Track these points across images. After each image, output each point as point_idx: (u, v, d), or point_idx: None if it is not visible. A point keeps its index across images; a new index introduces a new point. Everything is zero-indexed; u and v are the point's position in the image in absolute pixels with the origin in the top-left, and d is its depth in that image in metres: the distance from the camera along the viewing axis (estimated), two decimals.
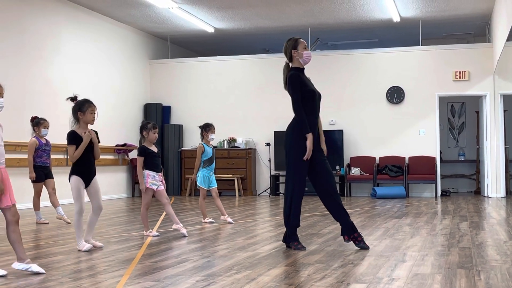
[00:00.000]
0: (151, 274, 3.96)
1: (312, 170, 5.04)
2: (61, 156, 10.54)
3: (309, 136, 4.92)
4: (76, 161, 5.01)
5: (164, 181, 6.15)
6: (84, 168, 5.05)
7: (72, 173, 5.05)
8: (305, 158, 4.90)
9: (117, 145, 12.55)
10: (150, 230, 6.09)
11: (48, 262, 4.41)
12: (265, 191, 13.48)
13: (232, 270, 4.07)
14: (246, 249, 5.03)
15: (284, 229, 5.15)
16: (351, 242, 5.02)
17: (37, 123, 7.41)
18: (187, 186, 13.28)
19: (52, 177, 7.59)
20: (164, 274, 3.93)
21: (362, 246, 4.96)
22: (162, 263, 4.38)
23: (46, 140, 7.48)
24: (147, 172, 6.01)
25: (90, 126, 5.14)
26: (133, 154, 13.21)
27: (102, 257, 4.70)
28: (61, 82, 10.90)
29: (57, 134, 8.71)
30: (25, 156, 9.01)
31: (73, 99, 5.08)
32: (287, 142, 5.06)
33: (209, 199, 7.92)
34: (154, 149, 6.09)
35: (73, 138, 4.98)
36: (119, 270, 4.12)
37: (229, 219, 7.28)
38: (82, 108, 4.99)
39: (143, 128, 6.06)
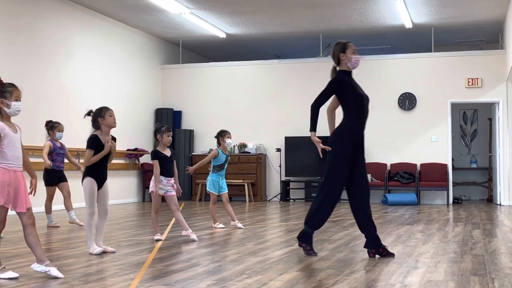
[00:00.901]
0: (162, 278, 3.95)
1: (351, 179, 4.93)
2: (36, 160, 10.57)
3: (312, 134, 4.86)
4: (91, 164, 5.03)
5: (176, 186, 6.12)
6: (98, 172, 5.07)
7: (86, 175, 5.07)
8: (319, 149, 4.86)
9: (128, 150, 12.59)
10: (159, 234, 6.08)
11: (59, 265, 4.40)
12: (275, 196, 13.45)
13: (243, 274, 4.05)
14: (257, 254, 5.01)
15: (296, 234, 5.09)
16: (377, 256, 4.88)
17: (52, 126, 7.45)
18: (198, 191, 13.29)
19: (66, 181, 7.62)
20: (175, 278, 3.92)
21: (387, 255, 4.86)
22: (172, 267, 4.37)
23: (60, 143, 7.51)
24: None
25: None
26: (144, 158, 13.24)
27: (113, 260, 4.70)
28: (74, 86, 10.96)
29: (69, 138, 8.76)
30: (39, 160, 9.06)
31: (89, 114, 5.19)
32: (331, 146, 4.92)
33: (219, 204, 7.91)
34: (167, 153, 6.07)
35: (94, 143, 5.00)
36: (130, 273, 4.12)
37: (239, 225, 7.27)
38: (101, 114, 5.05)
39: (157, 131, 6.06)
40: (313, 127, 4.88)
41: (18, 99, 4.01)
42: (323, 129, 5.42)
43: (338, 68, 5.09)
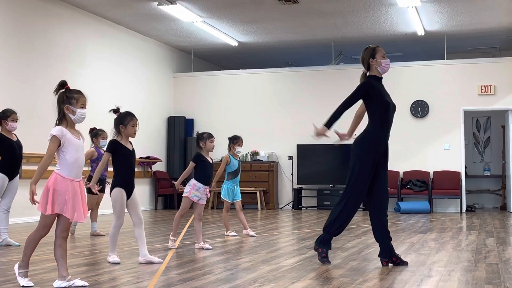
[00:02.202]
0: (175, 286, 3.96)
1: (372, 187, 4.88)
2: (86, 168, 10.61)
3: (324, 128, 4.77)
4: (119, 172, 4.93)
5: (208, 194, 6.08)
6: (127, 180, 4.94)
7: (114, 185, 4.91)
8: (316, 134, 4.79)
9: (140, 158, 12.63)
10: (174, 238, 6.06)
11: (73, 273, 4.42)
12: (287, 204, 13.44)
13: (256, 283, 4.05)
14: (269, 262, 5.01)
15: (308, 242, 5.08)
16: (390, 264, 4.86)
17: (96, 134, 7.30)
18: (210, 199, 13.30)
19: (104, 191, 7.26)
20: (188, 286, 3.93)
21: (401, 263, 4.84)
22: (185, 275, 4.38)
23: (104, 151, 7.33)
24: (194, 181, 5.96)
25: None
26: (156, 166, 13.29)
27: (126, 268, 4.72)
28: (87, 94, 10.92)
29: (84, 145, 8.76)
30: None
31: (116, 111, 5.02)
32: (354, 153, 4.88)
33: (232, 212, 7.91)
34: (210, 159, 6.05)
35: (113, 148, 4.91)
36: (143, 281, 4.13)
37: (252, 233, 7.26)
38: (124, 121, 4.93)
39: (199, 138, 6.04)
40: (329, 124, 4.79)
41: (84, 106, 3.99)
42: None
43: (368, 73, 5.02)
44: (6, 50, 9.29)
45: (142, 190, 12.85)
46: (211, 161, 6.05)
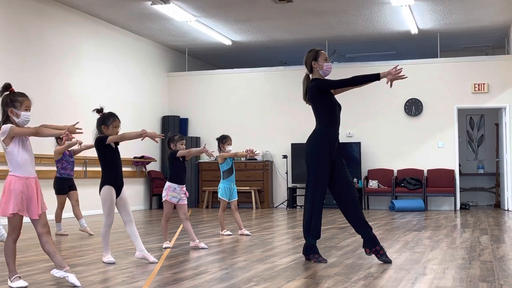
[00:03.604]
0: (170, 285, 3.96)
1: (333, 181, 5.00)
2: (80, 168, 10.61)
3: (380, 75, 4.85)
4: (107, 170, 4.94)
5: (187, 193, 6.10)
6: (115, 177, 4.94)
7: (103, 183, 4.91)
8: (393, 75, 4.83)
9: (135, 157, 12.62)
10: (168, 242, 6.09)
11: None
12: (282, 203, 13.45)
13: (251, 282, 4.05)
14: (265, 261, 5.02)
15: (304, 241, 5.10)
16: (373, 255, 4.94)
17: (60, 138, 7.42)
18: (205, 198, 13.31)
19: (76, 189, 7.61)
20: (183, 286, 3.93)
21: (385, 259, 4.87)
22: (181, 275, 4.38)
23: (69, 151, 7.52)
24: (168, 184, 6.00)
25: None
26: (151, 166, 13.28)
27: (121, 268, 4.71)
28: (81, 95, 11.01)
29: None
30: (47, 168, 9.13)
31: (99, 111, 5.01)
32: (307, 154, 5.01)
33: (227, 211, 7.90)
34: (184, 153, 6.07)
35: (99, 143, 4.92)
36: (138, 281, 4.12)
37: (246, 232, 7.27)
38: (106, 122, 4.93)
39: (170, 140, 6.05)
40: (374, 76, 4.87)
41: (28, 109, 4.00)
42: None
43: (311, 76, 5.13)
44: None
45: (137, 189, 12.84)
46: (184, 162, 6.08)
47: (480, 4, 10.77)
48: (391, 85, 4.96)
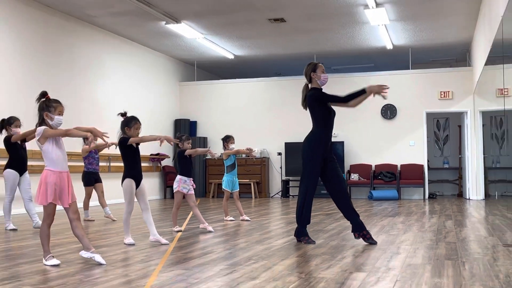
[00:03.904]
0: (182, 263, 3.96)
1: (326, 176, 4.96)
2: (104, 164, 10.60)
3: (365, 90, 4.82)
4: (128, 166, 4.92)
5: (194, 185, 6.11)
6: (135, 172, 4.93)
7: (125, 177, 4.91)
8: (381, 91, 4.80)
9: (151, 154, 12.62)
10: (177, 226, 6.08)
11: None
12: (277, 193, 13.45)
13: (250, 260, 4.05)
14: (262, 243, 5.02)
15: (295, 226, 5.10)
16: (360, 238, 4.92)
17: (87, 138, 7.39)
18: (211, 189, 13.31)
19: (101, 182, 7.60)
20: (193, 264, 3.93)
21: (371, 242, 4.86)
22: (190, 254, 4.38)
23: (95, 149, 7.49)
24: (179, 177, 5.99)
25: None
26: (165, 162, 13.27)
27: (139, 249, 4.71)
28: (105, 101, 11.01)
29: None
30: (77, 163, 9.12)
31: (123, 114, 5.00)
32: (304, 151, 4.96)
33: (230, 200, 7.91)
34: (190, 152, 6.06)
35: (123, 143, 4.89)
36: (155, 260, 4.12)
37: (247, 217, 7.27)
38: (129, 124, 4.91)
39: (179, 139, 6.05)
40: (360, 91, 4.82)
41: (61, 114, 3.99)
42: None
43: (310, 86, 5.08)
44: (35, 64, 9.25)
45: (153, 182, 12.83)
46: (190, 158, 6.05)
47: (445, 24, 10.78)
48: (384, 97, 4.95)
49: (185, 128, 13.77)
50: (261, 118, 13.70)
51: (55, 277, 3.47)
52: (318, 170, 4.92)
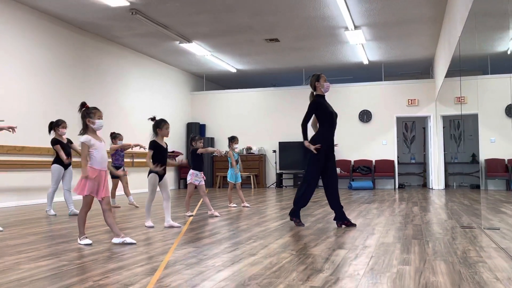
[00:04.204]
0: (193, 242, 3.96)
1: (326, 173, 4.90)
2: (129, 160, 10.59)
3: (305, 142, 4.81)
4: (155, 162, 4.82)
5: (204, 177, 6.09)
6: (160, 167, 4.85)
7: (151, 171, 4.85)
8: (313, 148, 4.76)
9: (168, 152, 12.58)
10: (189, 212, 6.07)
11: None
12: (272, 184, 13.45)
13: (250, 239, 4.05)
14: (260, 225, 5.01)
15: (288, 210, 5.09)
16: (343, 226, 4.90)
17: (114, 136, 7.37)
18: (217, 181, 13.30)
19: (125, 174, 7.51)
20: (202, 243, 3.93)
21: (351, 225, 4.85)
22: (200, 235, 4.37)
23: (121, 148, 7.44)
24: (192, 171, 5.96)
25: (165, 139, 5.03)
26: (179, 158, 13.25)
27: (158, 231, 4.71)
28: (129, 108, 11.00)
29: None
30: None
31: (153, 118, 4.94)
32: (309, 150, 4.87)
33: (234, 190, 7.90)
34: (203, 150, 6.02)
35: (153, 146, 4.84)
36: (171, 240, 4.12)
37: (247, 204, 7.26)
38: (159, 126, 4.84)
39: (192, 139, 6.03)
40: (305, 138, 4.83)
41: (100, 118, 3.94)
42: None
43: (315, 93, 5.04)
44: (69, 78, 9.24)
45: (169, 175, 12.83)
46: (202, 156, 6.01)
47: (412, 43, 10.79)
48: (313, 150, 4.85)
49: (195, 130, 13.76)
50: (259, 122, 13.70)
51: (88, 254, 3.47)
52: (321, 165, 4.84)
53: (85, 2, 8.02)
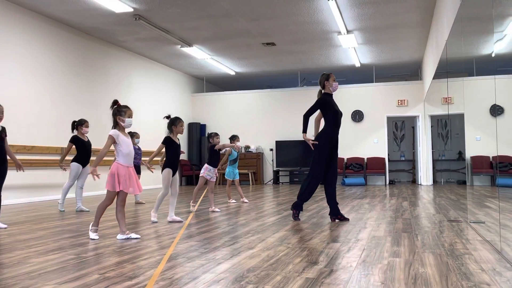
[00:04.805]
0: (195, 236, 3.95)
1: (327, 170, 4.86)
2: (146, 158, 10.54)
3: (303, 135, 4.76)
4: (169, 158, 4.78)
5: (217, 174, 6.02)
6: (174, 164, 4.81)
7: (165, 166, 4.79)
8: (311, 143, 4.72)
9: None
10: (194, 205, 6.04)
11: (126, 229, 4.39)
12: (269, 181, 13.45)
13: (248, 234, 4.05)
14: (258, 220, 5.01)
15: (284, 205, 5.07)
16: (337, 220, 4.90)
17: (132, 135, 7.23)
18: (217, 179, 13.27)
19: (140, 173, 7.11)
20: (203, 237, 3.92)
21: (344, 219, 4.85)
22: (201, 229, 4.37)
23: (138, 146, 7.26)
24: (206, 165, 5.90)
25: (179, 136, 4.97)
26: (181, 156, 13.24)
27: (162, 225, 4.70)
28: (134, 109, 10.92)
29: None
30: (110, 158, 9.04)
31: (168, 117, 4.87)
32: (316, 145, 4.82)
33: (233, 187, 7.89)
34: (219, 151, 5.97)
35: (167, 141, 4.79)
36: (173, 234, 4.11)
37: (246, 200, 7.26)
38: (175, 123, 4.79)
39: (209, 136, 6.01)
40: (304, 130, 4.76)
41: (130, 116, 3.88)
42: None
43: (323, 91, 4.96)
44: (76, 80, 9.22)
45: None
46: (220, 152, 5.98)
47: (402, 47, 10.79)
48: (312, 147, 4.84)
49: (196, 130, 13.74)
50: (256, 121, 13.69)
51: (93, 248, 3.46)
52: (324, 161, 4.79)
53: (90, 8, 8.00)
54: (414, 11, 8.38)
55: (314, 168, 4.81)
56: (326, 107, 4.84)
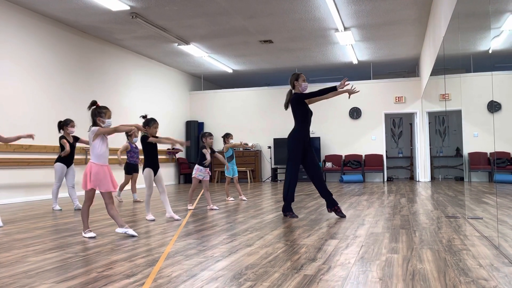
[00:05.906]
0: (192, 234, 3.95)
1: (306, 164, 4.93)
2: (141, 157, 10.53)
3: (338, 90, 4.78)
4: (147, 158, 4.84)
5: (209, 172, 6.03)
6: (153, 163, 4.86)
7: (145, 166, 4.85)
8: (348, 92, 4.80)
9: (168, 149, 12.58)
10: (191, 204, 6.05)
11: None
12: (267, 178, 13.46)
13: (247, 231, 4.05)
14: (256, 217, 5.01)
15: (282, 203, 5.09)
16: (333, 212, 4.93)
17: (130, 135, 7.28)
18: (215, 176, 13.28)
19: (137, 172, 7.43)
20: (201, 235, 3.92)
21: (341, 215, 4.86)
22: (200, 227, 4.36)
23: (135, 145, 7.30)
24: (197, 166, 5.92)
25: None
26: (179, 155, 13.23)
27: (159, 224, 4.70)
28: (131, 107, 10.95)
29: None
30: (115, 156, 9.03)
31: (144, 117, 4.93)
32: (288, 144, 4.92)
33: (231, 184, 7.88)
34: (209, 150, 5.96)
35: (144, 139, 4.86)
36: (171, 232, 4.11)
37: (244, 198, 7.25)
38: (149, 124, 4.83)
39: (202, 136, 5.99)
40: (332, 88, 4.75)
41: (110, 117, 3.92)
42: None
43: (293, 91, 5.01)
44: (73, 79, 9.19)
45: (170, 171, 12.80)
46: (209, 151, 5.95)
47: (399, 44, 10.79)
48: (349, 97, 5.01)
49: (194, 128, 13.73)
50: (254, 119, 13.68)
51: (92, 246, 3.46)
52: (300, 159, 4.89)
53: (87, 7, 7.97)
54: (411, 7, 8.38)
55: (290, 168, 4.89)
56: (300, 107, 4.88)
